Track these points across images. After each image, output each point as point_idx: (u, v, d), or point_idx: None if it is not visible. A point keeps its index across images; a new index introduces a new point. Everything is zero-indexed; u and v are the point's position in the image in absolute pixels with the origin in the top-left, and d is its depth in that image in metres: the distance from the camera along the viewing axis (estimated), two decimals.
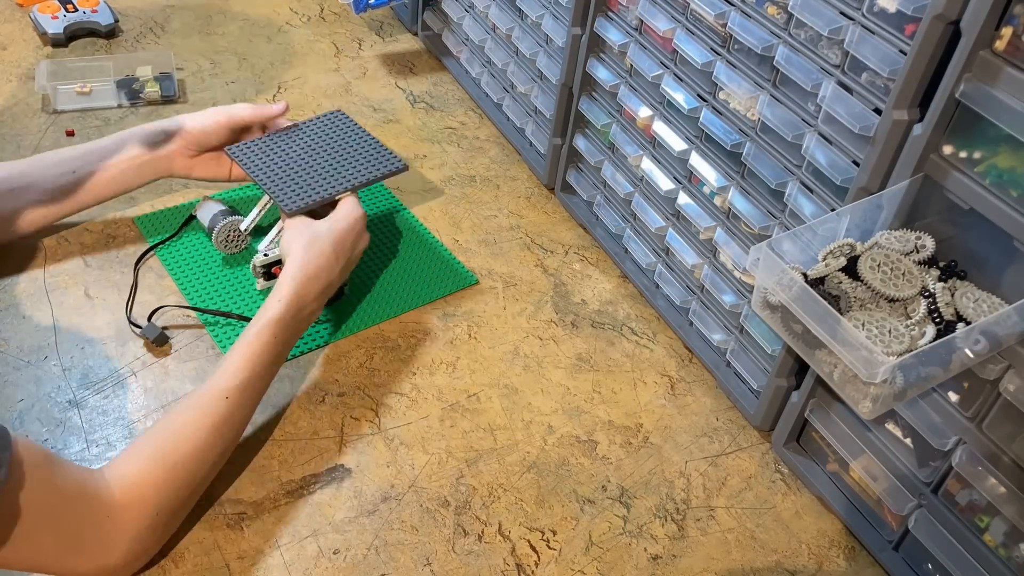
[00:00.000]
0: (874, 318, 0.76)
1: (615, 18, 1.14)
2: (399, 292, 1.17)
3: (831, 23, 0.82)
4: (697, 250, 1.10)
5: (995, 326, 0.73)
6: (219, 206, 1.18)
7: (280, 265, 1.08)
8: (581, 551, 0.92)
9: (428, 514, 0.93)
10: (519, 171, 1.39)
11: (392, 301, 1.16)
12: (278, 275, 1.04)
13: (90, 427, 0.97)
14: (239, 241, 1.18)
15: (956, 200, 0.77)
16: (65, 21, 1.52)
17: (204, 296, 1.12)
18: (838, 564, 0.94)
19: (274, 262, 1.10)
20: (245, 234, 1.17)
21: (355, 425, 1.01)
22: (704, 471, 1.01)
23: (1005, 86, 0.70)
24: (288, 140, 1.17)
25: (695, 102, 1.03)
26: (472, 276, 1.20)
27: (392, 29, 1.68)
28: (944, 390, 0.81)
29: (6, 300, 1.09)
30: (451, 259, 1.22)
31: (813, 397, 0.97)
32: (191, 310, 1.10)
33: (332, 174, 1.11)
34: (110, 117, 1.39)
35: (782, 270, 0.78)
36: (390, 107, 1.49)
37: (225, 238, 1.16)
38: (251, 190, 1.28)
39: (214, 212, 1.17)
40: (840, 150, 0.86)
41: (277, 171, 1.11)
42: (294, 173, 1.11)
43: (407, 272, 1.20)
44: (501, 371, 1.09)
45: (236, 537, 0.89)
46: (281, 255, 1.03)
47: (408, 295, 1.17)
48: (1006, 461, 0.78)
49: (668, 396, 1.09)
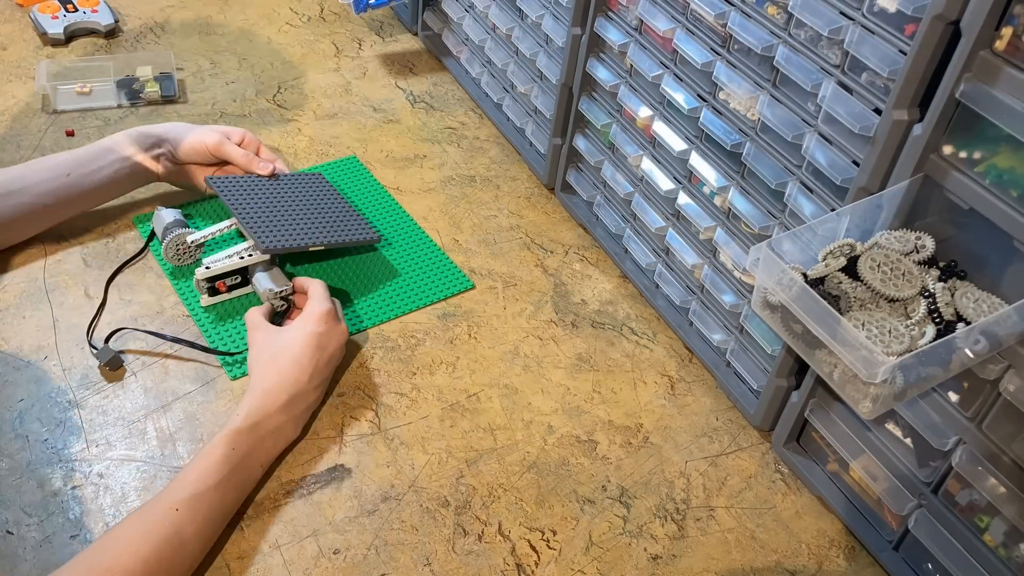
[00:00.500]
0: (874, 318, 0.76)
1: (615, 18, 1.14)
2: (399, 292, 1.17)
3: (831, 23, 0.82)
4: (697, 250, 1.10)
5: (995, 326, 0.73)
6: (173, 215, 1.16)
7: (223, 280, 1.08)
8: (581, 551, 0.92)
9: (428, 514, 0.93)
10: (519, 171, 1.39)
11: (392, 302, 1.16)
12: (222, 290, 1.07)
13: (90, 427, 0.97)
14: (189, 254, 1.15)
15: (956, 200, 0.77)
16: (65, 21, 1.52)
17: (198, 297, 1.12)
18: (838, 564, 0.94)
19: (217, 276, 1.08)
20: (194, 247, 1.14)
21: (355, 425, 1.01)
22: (704, 471, 1.01)
23: (1005, 86, 0.70)
24: (269, 184, 1.19)
25: (695, 102, 1.03)
26: (468, 281, 1.19)
27: (392, 29, 1.68)
28: (944, 390, 0.81)
29: (6, 300, 1.09)
30: (448, 263, 1.21)
31: (813, 397, 0.97)
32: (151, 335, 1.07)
33: (309, 226, 1.13)
34: (110, 117, 1.39)
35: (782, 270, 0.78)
36: (390, 107, 1.49)
37: (175, 250, 1.13)
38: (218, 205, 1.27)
39: (166, 223, 1.14)
40: (840, 150, 0.86)
41: (255, 210, 1.13)
42: (272, 216, 1.12)
43: (407, 272, 1.20)
44: (501, 371, 1.09)
45: (236, 537, 0.89)
46: (248, 367, 0.99)
47: (407, 296, 1.17)
48: (1006, 461, 0.78)
49: (668, 396, 1.09)
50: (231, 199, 1.13)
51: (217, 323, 1.09)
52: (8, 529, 0.88)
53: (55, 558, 0.86)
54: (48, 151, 1.30)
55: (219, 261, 1.08)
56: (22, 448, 0.95)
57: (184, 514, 0.82)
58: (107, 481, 0.93)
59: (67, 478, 0.93)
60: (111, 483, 0.93)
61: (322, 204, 1.19)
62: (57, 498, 0.91)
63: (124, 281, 1.13)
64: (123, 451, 0.96)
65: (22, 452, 0.94)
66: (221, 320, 1.10)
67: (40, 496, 0.91)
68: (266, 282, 1.07)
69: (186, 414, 1.00)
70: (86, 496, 0.91)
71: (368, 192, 1.31)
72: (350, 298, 1.15)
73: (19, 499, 0.90)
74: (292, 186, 1.20)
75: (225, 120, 1.41)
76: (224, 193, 1.14)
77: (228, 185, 1.15)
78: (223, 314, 1.10)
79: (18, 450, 0.94)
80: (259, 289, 1.08)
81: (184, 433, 0.98)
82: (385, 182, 1.34)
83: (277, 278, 1.08)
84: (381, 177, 1.34)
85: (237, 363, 1.05)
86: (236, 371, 1.04)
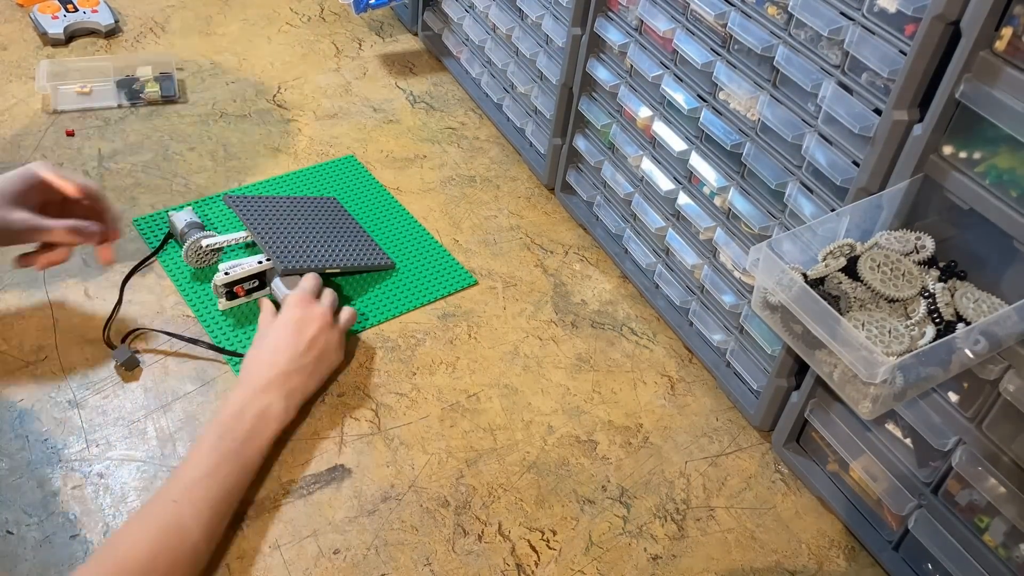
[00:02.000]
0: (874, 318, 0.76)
1: (615, 18, 1.14)
2: (399, 292, 1.17)
3: (831, 23, 0.82)
4: (697, 250, 1.10)
5: (995, 326, 0.73)
6: (189, 216, 1.17)
7: (241, 285, 1.09)
8: (581, 551, 0.92)
9: (428, 514, 0.93)
10: (519, 171, 1.39)
11: (392, 301, 1.16)
12: (240, 295, 1.08)
13: (90, 427, 0.97)
14: (207, 257, 1.16)
15: (956, 200, 0.77)
16: (65, 21, 1.52)
17: (205, 300, 1.12)
18: (838, 564, 0.94)
19: (235, 282, 1.09)
20: (208, 250, 1.15)
21: (355, 425, 1.01)
22: (704, 471, 1.01)
23: (1005, 86, 0.70)
24: (285, 204, 1.20)
25: (695, 102, 1.03)
26: (471, 277, 1.20)
27: (392, 29, 1.68)
28: (944, 390, 0.81)
29: (6, 300, 1.09)
30: (450, 259, 1.22)
31: (813, 397, 0.97)
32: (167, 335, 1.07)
33: (325, 248, 1.15)
34: (110, 117, 1.39)
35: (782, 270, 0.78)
36: (390, 107, 1.49)
37: (195, 255, 1.14)
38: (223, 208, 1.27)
39: (184, 224, 1.16)
40: (840, 150, 0.86)
41: (273, 230, 1.14)
42: (289, 236, 1.14)
43: (406, 272, 1.20)
44: (501, 371, 1.09)
45: (236, 537, 0.89)
46: None
47: (407, 295, 1.17)
48: (1006, 461, 0.78)
49: (668, 396, 1.09)
50: (249, 218, 1.15)
51: (224, 325, 1.09)
52: (8, 529, 0.88)
53: (55, 558, 0.86)
54: (48, 151, 1.31)
55: (237, 267, 1.09)
56: (22, 448, 0.95)
57: (183, 504, 0.83)
58: (107, 481, 0.93)
59: (67, 478, 0.93)
60: (111, 483, 0.93)
61: (337, 228, 1.20)
62: (57, 498, 0.91)
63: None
64: (123, 451, 0.96)
65: (22, 452, 0.94)
66: (234, 325, 1.10)
67: (40, 496, 0.91)
68: (285, 289, 1.08)
69: (186, 414, 1.00)
70: (86, 496, 0.91)
71: (366, 191, 1.32)
72: (353, 298, 1.15)
73: (19, 499, 0.90)
74: (307, 208, 1.22)
75: (225, 120, 1.41)
76: (242, 211, 1.15)
77: (246, 204, 1.17)
78: (233, 316, 1.10)
79: (18, 450, 0.94)
80: (278, 295, 1.09)
81: (184, 433, 0.98)
82: (385, 182, 1.34)
83: (294, 284, 1.09)
84: (381, 177, 1.34)
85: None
86: None
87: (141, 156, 1.32)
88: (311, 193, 1.29)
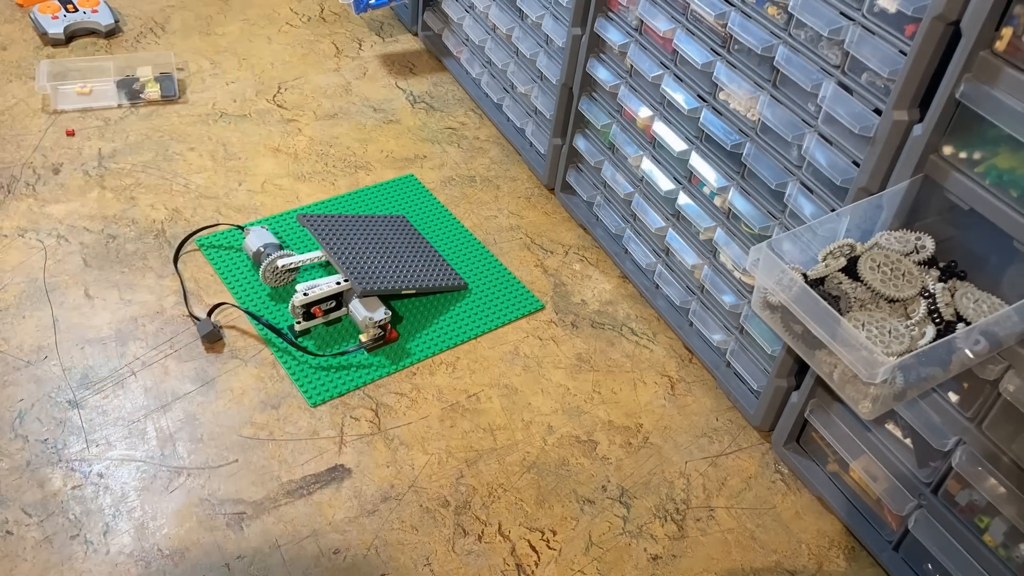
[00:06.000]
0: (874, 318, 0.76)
1: (615, 18, 1.14)
2: (470, 315, 1.16)
3: (831, 23, 0.82)
4: (697, 250, 1.10)
5: (995, 326, 0.73)
6: (266, 235, 1.17)
7: (319, 306, 1.08)
8: (581, 551, 0.92)
9: (428, 514, 0.93)
10: (519, 171, 1.40)
11: (466, 325, 1.15)
12: (318, 316, 1.07)
13: (90, 427, 0.97)
14: (284, 276, 1.16)
15: (956, 200, 0.77)
16: (65, 21, 1.52)
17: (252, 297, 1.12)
18: (838, 564, 0.94)
19: (313, 302, 1.08)
20: (284, 270, 1.14)
21: (355, 425, 1.01)
22: (704, 471, 1.01)
23: (1005, 86, 0.70)
24: (358, 223, 1.19)
25: (695, 102, 1.03)
26: (538, 301, 1.17)
27: (392, 29, 1.68)
28: (944, 390, 0.81)
29: (6, 300, 1.09)
30: (514, 281, 1.20)
31: (813, 397, 0.97)
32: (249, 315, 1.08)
33: (400, 269, 1.14)
34: (110, 117, 1.39)
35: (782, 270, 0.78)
36: (390, 107, 1.49)
37: (273, 273, 1.14)
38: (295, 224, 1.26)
39: (261, 243, 1.15)
40: (840, 150, 0.86)
41: (348, 250, 1.13)
42: (364, 256, 1.13)
43: (478, 294, 1.18)
44: (501, 371, 1.09)
45: (236, 537, 0.89)
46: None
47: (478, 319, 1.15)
48: (1006, 461, 0.78)
49: (668, 396, 1.09)
50: (324, 237, 1.14)
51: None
52: (8, 529, 0.88)
53: (55, 558, 0.86)
54: (48, 151, 1.31)
55: (315, 287, 1.08)
56: (22, 448, 0.95)
57: None
58: (107, 481, 0.93)
59: (67, 478, 0.93)
60: (111, 483, 0.93)
61: (409, 247, 1.20)
62: (57, 498, 0.91)
63: (124, 281, 1.13)
64: (123, 451, 0.96)
65: (22, 452, 0.94)
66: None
67: (40, 496, 0.91)
68: (364, 310, 1.08)
69: (186, 414, 1.00)
70: (86, 496, 0.91)
71: (427, 210, 1.30)
72: (427, 322, 1.14)
73: (19, 499, 0.90)
74: (379, 227, 1.20)
75: (225, 120, 1.41)
76: (317, 230, 1.15)
77: (320, 223, 1.16)
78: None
79: (18, 450, 0.94)
80: (357, 317, 1.09)
81: (184, 433, 0.98)
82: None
83: (374, 306, 1.08)
84: (381, 176, 1.34)
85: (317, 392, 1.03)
86: (316, 398, 1.03)
87: (141, 156, 1.32)
88: (376, 211, 1.28)
